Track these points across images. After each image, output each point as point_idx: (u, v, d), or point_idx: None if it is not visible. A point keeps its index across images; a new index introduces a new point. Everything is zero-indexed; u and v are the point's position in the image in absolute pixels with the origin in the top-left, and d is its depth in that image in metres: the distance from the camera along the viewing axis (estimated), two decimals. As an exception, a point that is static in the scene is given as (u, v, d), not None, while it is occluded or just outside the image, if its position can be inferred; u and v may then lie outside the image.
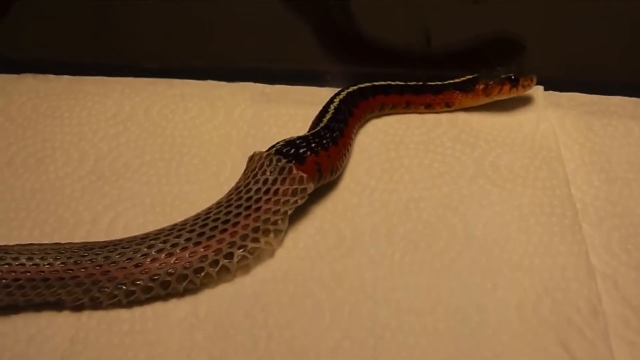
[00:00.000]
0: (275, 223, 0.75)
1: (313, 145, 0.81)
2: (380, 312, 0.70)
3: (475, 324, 0.69)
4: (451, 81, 0.93)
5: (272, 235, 0.75)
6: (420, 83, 0.93)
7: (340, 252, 0.77)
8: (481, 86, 0.91)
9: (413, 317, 0.70)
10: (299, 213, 0.80)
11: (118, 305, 0.70)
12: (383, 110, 0.93)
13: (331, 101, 0.90)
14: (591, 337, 0.68)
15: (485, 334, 0.69)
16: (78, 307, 0.70)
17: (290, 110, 0.93)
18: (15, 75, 1.00)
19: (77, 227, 0.79)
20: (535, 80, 0.91)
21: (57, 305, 0.70)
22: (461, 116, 0.93)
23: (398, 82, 0.93)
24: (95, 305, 0.70)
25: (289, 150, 0.79)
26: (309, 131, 0.86)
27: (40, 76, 1.00)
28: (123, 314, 0.71)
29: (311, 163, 0.79)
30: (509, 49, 1.03)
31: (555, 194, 0.83)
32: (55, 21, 1.06)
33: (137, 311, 0.71)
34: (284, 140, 0.81)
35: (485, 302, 0.71)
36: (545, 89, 0.97)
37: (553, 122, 0.92)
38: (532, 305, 0.71)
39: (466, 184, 0.84)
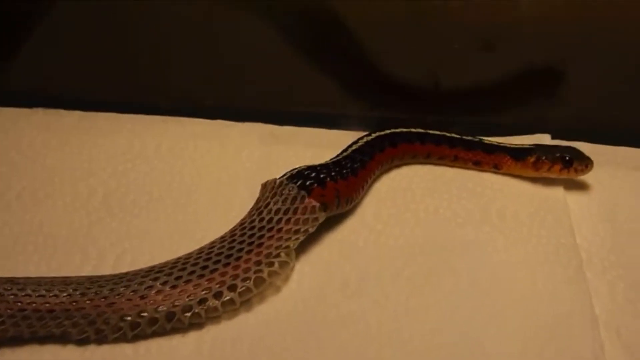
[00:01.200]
0: (278, 256, 0.76)
1: (332, 173, 0.83)
2: (385, 354, 0.71)
3: (479, 369, 0.70)
4: (506, 144, 0.92)
5: (276, 266, 0.75)
6: (477, 139, 0.93)
7: (345, 294, 0.77)
8: (532, 158, 0.89)
9: (417, 360, 0.70)
10: (305, 254, 0.81)
11: (123, 339, 0.71)
12: (429, 158, 0.93)
13: (369, 135, 0.92)
14: (594, 386, 0.68)
15: (489, 381, 0.69)
16: (83, 341, 0.70)
17: (299, 152, 0.93)
18: (26, 110, 1.01)
19: (84, 262, 0.80)
20: (590, 168, 0.88)
21: (62, 339, 0.70)
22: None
23: (453, 135, 0.93)
24: (100, 338, 0.70)
25: (300, 179, 0.81)
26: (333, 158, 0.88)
27: (52, 111, 1.01)
28: (127, 349, 0.71)
29: (319, 193, 0.80)
30: (518, 98, 1.04)
31: (561, 243, 0.83)
32: (68, 58, 1.07)
33: (142, 347, 0.71)
34: (302, 167, 0.84)
35: (489, 347, 0.71)
36: (553, 138, 0.98)
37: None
38: (536, 353, 0.71)
39: (472, 231, 0.84)
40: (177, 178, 0.92)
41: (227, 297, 0.73)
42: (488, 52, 1.01)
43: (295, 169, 0.83)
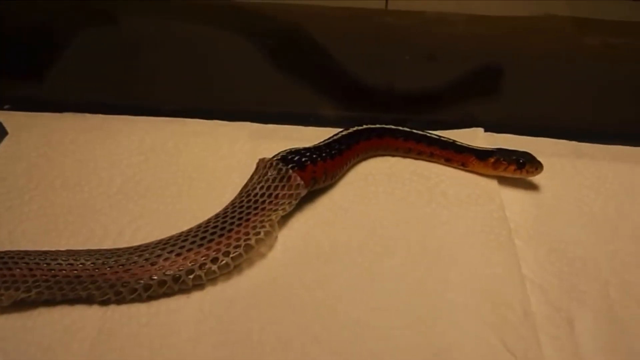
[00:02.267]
0: (263, 227, 0.75)
1: (323, 154, 0.83)
2: (352, 311, 0.70)
3: (429, 321, 0.69)
4: (474, 146, 0.89)
5: (262, 235, 0.74)
6: (451, 140, 0.90)
7: (320, 261, 0.76)
8: (492, 159, 0.87)
9: (378, 315, 0.69)
10: (287, 227, 0.80)
11: (138, 300, 0.69)
12: (409, 153, 0.91)
13: (360, 126, 0.90)
14: (523, 333, 0.68)
15: (438, 330, 0.68)
16: (105, 302, 0.69)
17: (280, 145, 0.89)
18: (58, 114, 0.98)
19: (105, 237, 0.78)
20: (540, 171, 0.86)
21: (88, 300, 0.69)
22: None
23: (432, 135, 0.90)
24: (120, 300, 0.69)
25: (297, 156, 0.81)
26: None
27: (79, 115, 0.98)
28: (142, 308, 0.69)
29: (311, 170, 0.81)
30: (457, 98, 1.03)
31: (493, 216, 0.82)
32: (91, 72, 1.07)
33: (154, 306, 0.69)
34: (300, 147, 0.83)
35: (437, 303, 0.71)
36: (485, 131, 0.96)
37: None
38: (475, 307, 0.70)
39: (422, 207, 0.83)
40: (181, 168, 0.89)
41: (223, 262, 0.72)
42: (432, 61, 1.01)
43: (293, 148, 0.83)
